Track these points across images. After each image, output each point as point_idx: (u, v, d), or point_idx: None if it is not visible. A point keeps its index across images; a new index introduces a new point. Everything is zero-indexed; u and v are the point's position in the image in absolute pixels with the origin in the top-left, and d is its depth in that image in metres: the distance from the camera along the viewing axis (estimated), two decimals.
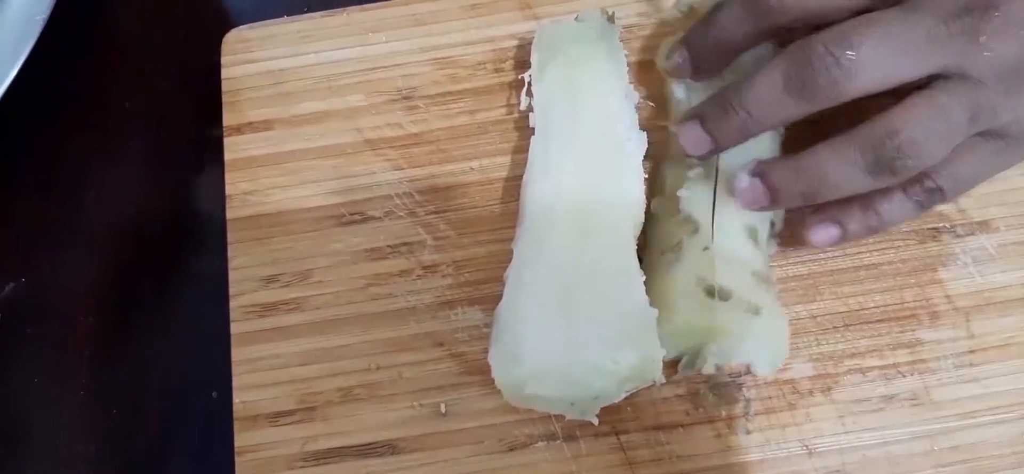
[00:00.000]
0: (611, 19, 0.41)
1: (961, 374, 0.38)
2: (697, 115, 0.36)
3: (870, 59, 0.31)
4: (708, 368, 0.36)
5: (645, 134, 0.40)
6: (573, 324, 0.35)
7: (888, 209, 0.35)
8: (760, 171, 0.35)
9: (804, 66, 0.32)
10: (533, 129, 0.40)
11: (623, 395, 0.36)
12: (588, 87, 0.40)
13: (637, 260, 0.37)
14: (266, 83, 0.44)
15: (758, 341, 0.36)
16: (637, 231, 0.38)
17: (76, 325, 0.43)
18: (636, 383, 0.35)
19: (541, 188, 0.39)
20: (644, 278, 0.36)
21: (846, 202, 0.36)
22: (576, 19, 0.42)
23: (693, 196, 0.38)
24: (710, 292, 0.36)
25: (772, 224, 0.38)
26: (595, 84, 0.40)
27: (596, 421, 0.36)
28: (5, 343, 0.43)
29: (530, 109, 0.41)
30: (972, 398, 0.37)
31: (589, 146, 0.39)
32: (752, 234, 0.37)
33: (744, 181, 0.36)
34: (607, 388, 0.35)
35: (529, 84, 0.41)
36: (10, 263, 0.44)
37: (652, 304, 0.35)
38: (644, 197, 0.38)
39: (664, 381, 0.36)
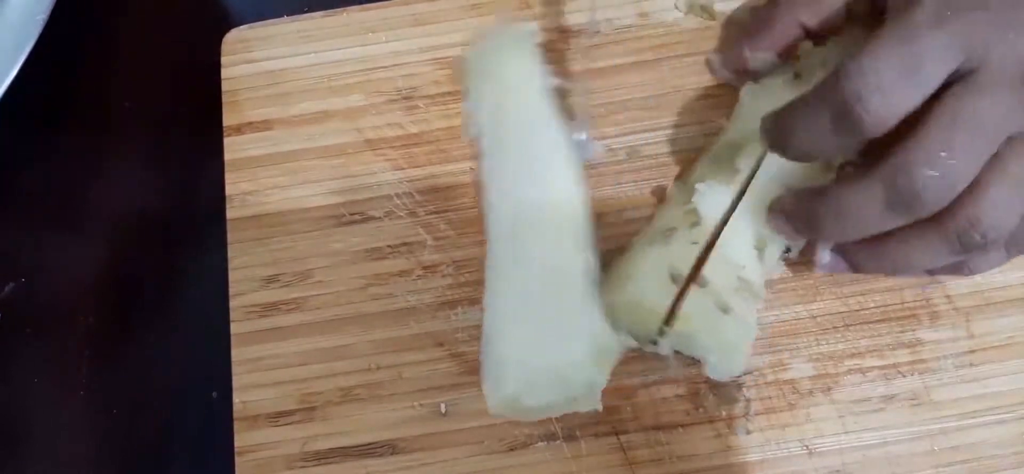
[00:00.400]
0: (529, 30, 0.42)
1: (961, 374, 0.38)
2: (786, 214, 0.36)
3: (966, 158, 0.31)
4: (663, 350, 0.37)
5: (570, 133, 0.40)
6: (541, 330, 0.37)
7: (982, 264, 0.36)
8: (843, 250, 0.36)
9: (908, 190, 0.31)
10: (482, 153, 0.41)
11: (607, 374, 0.37)
12: (513, 101, 0.41)
13: (581, 256, 0.38)
14: (266, 83, 0.44)
15: (715, 340, 0.36)
16: (582, 224, 0.39)
17: (76, 325, 0.43)
18: (607, 361, 0.37)
19: (497, 209, 0.39)
20: (626, 255, 0.38)
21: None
22: (491, 34, 0.42)
23: (709, 192, 0.37)
24: (673, 280, 0.36)
25: (788, 249, 0.38)
26: (519, 94, 0.41)
27: (600, 407, 0.36)
28: (5, 343, 0.43)
29: (478, 135, 0.41)
30: (972, 398, 0.37)
31: (527, 157, 0.40)
32: (760, 246, 0.37)
33: (826, 257, 0.36)
34: (590, 376, 0.36)
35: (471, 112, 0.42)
36: (10, 263, 0.44)
37: (620, 275, 0.37)
38: (584, 192, 0.39)
39: (624, 350, 0.37)
